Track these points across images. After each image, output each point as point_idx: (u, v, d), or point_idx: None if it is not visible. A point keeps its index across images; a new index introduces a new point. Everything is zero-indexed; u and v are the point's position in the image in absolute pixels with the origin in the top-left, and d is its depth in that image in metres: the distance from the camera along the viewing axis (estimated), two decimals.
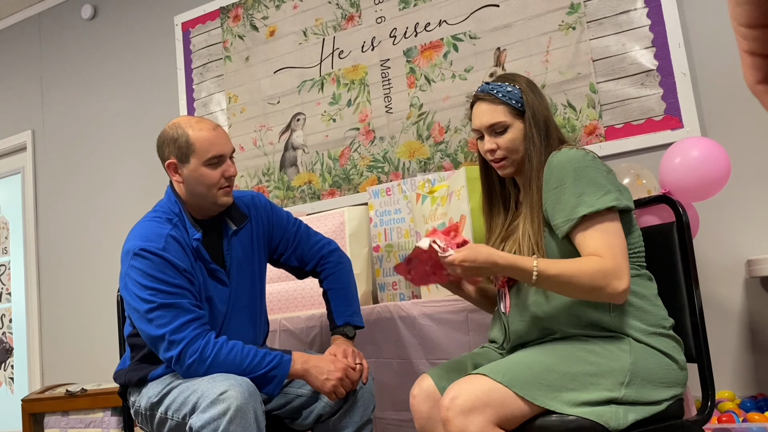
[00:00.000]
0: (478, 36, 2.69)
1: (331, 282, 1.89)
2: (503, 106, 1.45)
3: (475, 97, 1.51)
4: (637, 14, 2.40)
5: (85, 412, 2.90)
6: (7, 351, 4.14)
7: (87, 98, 3.87)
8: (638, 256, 1.39)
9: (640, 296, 1.35)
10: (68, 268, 3.83)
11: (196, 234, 1.65)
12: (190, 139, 1.64)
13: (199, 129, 1.64)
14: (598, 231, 1.29)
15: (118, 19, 3.79)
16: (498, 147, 1.46)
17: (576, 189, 1.31)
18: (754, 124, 2.22)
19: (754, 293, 2.20)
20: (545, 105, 1.47)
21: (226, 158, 1.67)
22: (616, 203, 1.30)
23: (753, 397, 2.10)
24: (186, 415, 1.51)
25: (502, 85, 1.47)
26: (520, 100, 1.44)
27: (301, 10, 3.12)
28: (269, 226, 1.87)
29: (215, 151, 1.64)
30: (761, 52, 0.36)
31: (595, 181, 1.30)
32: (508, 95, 1.45)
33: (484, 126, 1.47)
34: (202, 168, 1.64)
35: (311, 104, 3.06)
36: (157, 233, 1.61)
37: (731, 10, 0.36)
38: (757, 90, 0.38)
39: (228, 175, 1.66)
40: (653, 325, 1.33)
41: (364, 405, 1.70)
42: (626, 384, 1.25)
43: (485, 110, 1.47)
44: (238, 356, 1.54)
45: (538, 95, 1.47)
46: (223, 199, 1.68)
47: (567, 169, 1.32)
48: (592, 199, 1.29)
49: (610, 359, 1.27)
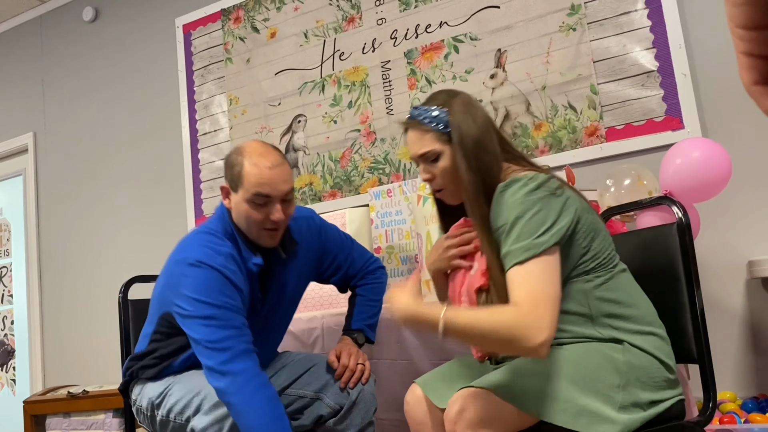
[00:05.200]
0: (478, 37, 2.69)
1: (365, 290, 1.88)
2: (431, 133, 1.36)
3: (404, 125, 1.42)
4: (637, 15, 2.40)
5: (86, 413, 2.91)
6: (8, 353, 4.14)
7: (88, 100, 3.87)
8: (605, 262, 1.32)
9: (614, 302, 1.31)
10: (70, 269, 3.84)
11: (255, 259, 1.56)
12: (243, 170, 1.53)
13: (255, 163, 1.52)
14: (526, 277, 1.20)
15: (120, 22, 3.80)
16: (433, 176, 1.39)
17: (515, 233, 1.23)
18: (754, 125, 2.22)
19: (756, 294, 2.20)
20: (480, 123, 1.34)
21: (275, 201, 1.53)
22: (551, 242, 1.21)
23: (754, 398, 2.10)
24: (189, 418, 1.51)
25: (429, 109, 1.37)
26: (446, 123, 1.34)
27: (302, 11, 3.13)
28: (320, 251, 1.81)
29: (261, 191, 1.51)
30: (758, 53, 0.36)
31: (534, 222, 1.22)
32: (434, 120, 1.35)
33: (416, 156, 1.40)
34: (245, 203, 1.53)
35: (312, 106, 3.07)
36: (216, 249, 1.53)
37: (728, 11, 0.36)
38: (753, 91, 0.38)
39: (273, 218, 1.53)
40: (639, 324, 1.31)
41: (366, 406, 1.69)
42: (622, 386, 1.24)
43: (414, 139, 1.39)
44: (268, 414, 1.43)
45: (470, 115, 1.35)
46: (266, 241, 1.58)
47: (511, 211, 1.24)
48: (527, 243, 1.21)
49: (603, 363, 1.26)
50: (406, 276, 2.31)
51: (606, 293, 1.30)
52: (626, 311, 1.31)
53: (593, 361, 1.27)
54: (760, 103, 0.38)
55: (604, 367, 1.25)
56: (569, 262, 1.29)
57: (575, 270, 1.30)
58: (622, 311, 1.31)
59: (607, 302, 1.30)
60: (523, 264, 1.21)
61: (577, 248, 1.29)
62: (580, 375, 1.25)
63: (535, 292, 1.18)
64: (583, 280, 1.30)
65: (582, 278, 1.30)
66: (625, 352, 1.27)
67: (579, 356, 1.28)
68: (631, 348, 1.28)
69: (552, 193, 1.25)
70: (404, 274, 2.31)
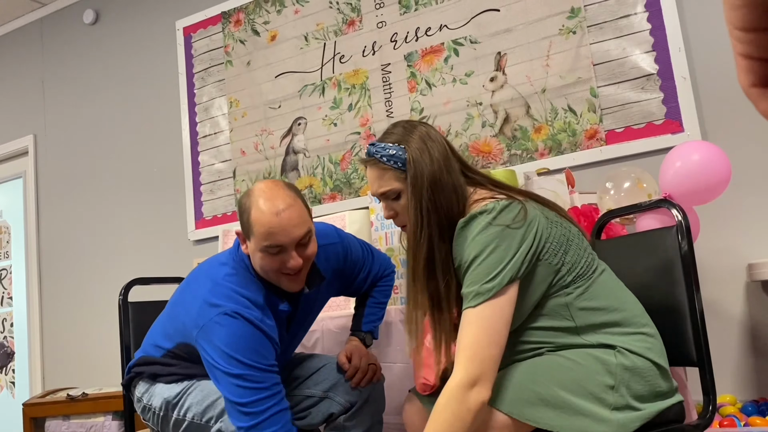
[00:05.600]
0: (478, 40, 2.69)
1: (377, 293, 1.90)
2: (390, 172, 1.34)
3: (363, 162, 1.40)
4: (637, 18, 2.40)
5: (86, 416, 2.90)
6: (8, 355, 4.14)
7: (89, 103, 3.88)
8: (582, 268, 1.31)
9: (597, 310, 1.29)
10: (69, 272, 3.84)
11: (282, 305, 1.52)
12: (251, 217, 1.45)
13: (261, 210, 1.43)
14: (472, 324, 1.21)
15: (120, 24, 3.81)
16: (396, 213, 1.38)
17: (471, 275, 1.24)
18: (754, 128, 2.23)
19: (755, 297, 2.20)
20: (436, 158, 1.32)
21: (289, 248, 1.44)
22: (505, 282, 1.22)
23: (754, 401, 2.10)
24: (212, 419, 1.50)
25: (386, 147, 1.35)
26: (403, 161, 1.33)
27: (303, 14, 3.13)
28: (346, 276, 1.80)
29: (272, 241, 1.42)
30: (756, 55, 0.36)
31: (489, 262, 1.23)
32: (392, 159, 1.33)
33: (376, 194, 1.39)
34: (259, 252, 1.46)
35: (312, 108, 3.07)
36: (252, 299, 1.47)
37: (726, 13, 0.36)
38: (751, 93, 0.38)
39: (289, 266, 1.44)
40: (626, 326, 1.31)
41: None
42: (616, 386, 1.24)
43: (374, 177, 1.38)
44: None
45: (427, 151, 1.32)
46: (288, 285, 1.50)
47: (469, 251, 1.25)
48: (477, 288, 1.22)
49: (595, 365, 1.26)
50: None
51: (589, 302, 1.29)
52: (611, 317, 1.30)
53: (585, 364, 1.26)
54: (757, 106, 0.38)
55: (596, 370, 1.25)
56: (542, 283, 1.28)
57: (553, 287, 1.29)
58: (608, 318, 1.29)
59: (590, 311, 1.29)
60: (475, 308, 1.22)
61: (548, 267, 1.28)
62: (572, 379, 1.25)
63: (474, 343, 1.20)
64: (563, 294, 1.29)
65: (562, 292, 1.29)
66: (618, 355, 1.27)
67: (571, 361, 1.27)
68: (623, 351, 1.28)
69: (510, 223, 1.24)
70: (404, 276, 2.31)
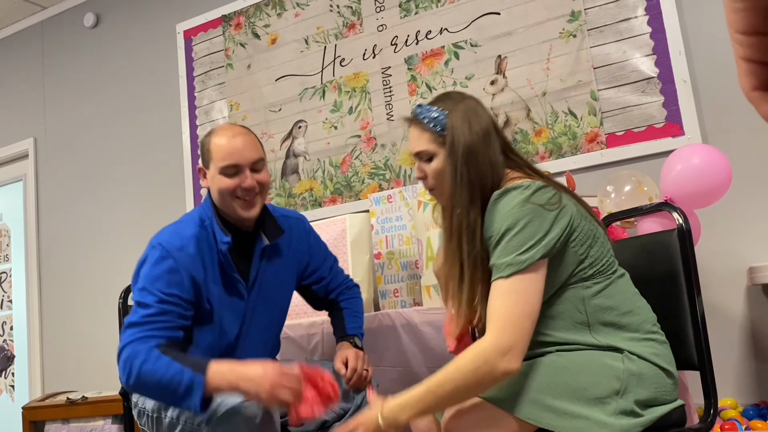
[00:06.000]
0: (479, 44, 2.69)
1: (350, 304, 1.90)
2: (428, 134, 1.37)
3: (407, 120, 1.44)
4: (637, 22, 2.40)
5: (85, 419, 2.90)
6: (8, 359, 4.14)
7: (89, 106, 3.88)
8: (604, 268, 1.32)
9: (611, 309, 1.30)
10: (69, 275, 3.83)
11: (225, 238, 1.58)
12: (210, 145, 1.61)
13: (220, 135, 1.60)
14: (505, 294, 1.22)
15: (121, 27, 3.81)
16: (426, 175, 1.41)
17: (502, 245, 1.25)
18: (755, 131, 2.22)
19: (756, 300, 2.20)
20: (476, 131, 1.34)
21: (243, 168, 1.58)
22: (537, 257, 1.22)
23: (756, 405, 2.09)
24: (202, 423, 1.50)
25: (430, 109, 1.38)
26: (443, 125, 1.35)
27: (303, 18, 3.14)
28: (307, 253, 1.82)
29: (229, 160, 1.57)
30: (757, 58, 0.36)
31: (522, 235, 1.23)
32: (433, 122, 1.36)
33: (413, 153, 1.42)
34: (218, 175, 1.58)
35: (313, 112, 3.07)
36: (182, 233, 1.58)
37: (728, 16, 0.36)
38: (752, 96, 0.38)
39: (244, 186, 1.57)
40: (636, 331, 1.31)
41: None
42: (621, 393, 1.24)
43: (413, 136, 1.41)
44: (158, 375, 1.40)
45: (468, 122, 1.34)
46: (242, 212, 1.60)
47: (502, 222, 1.26)
48: (511, 258, 1.23)
49: (602, 369, 1.26)
50: (407, 281, 2.30)
51: (604, 300, 1.30)
52: (624, 319, 1.30)
53: (592, 368, 1.26)
54: (759, 109, 0.38)
55: (602, 374, 1.25)
56: (565, 269, 1.29)
57: (573, 276, 1.30)
58: (620, 319, 1.30)
59: (604, 310, 1.30)
60: (507, 279, 1.23)
61: (573, 255, 1.29)
62: (578, 382, 1.25)
63: (509, 313, 1.20)
64: (582, 286, 1.30)
65: (580, 285, 1.30)
66: (624, 360, 1.27)
67: (577, 364, 1.27)
68: (631, 356, 1.28)
69: (545, 203, 1.25)
70: (404, 279, 2.31)
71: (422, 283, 2.15)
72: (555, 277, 1.28)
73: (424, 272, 2.14)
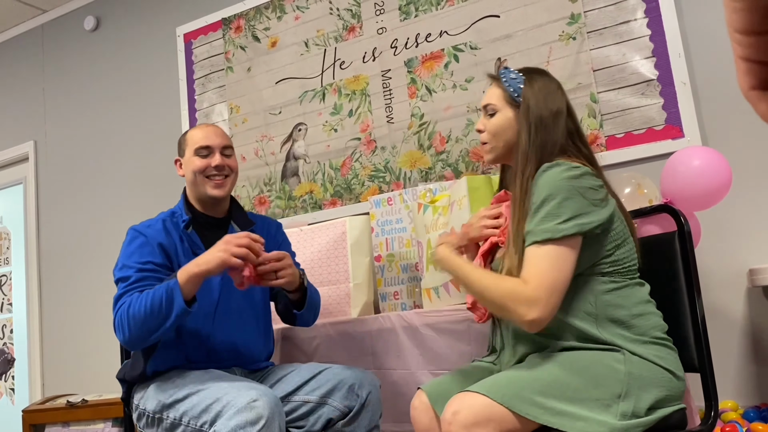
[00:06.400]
0: (478, 46, 2.70)
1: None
2: (501, 91, 1.47)
3: (490, 77, 1.55)
4: (637, 24, 2.41)
5: (85, 423, 2.89)
6: (8, 362, 4.13)
7: (89, 109, 3.88)
8: (625, 270, 1.36)
9: (622, 307, 1.32)
10: (69, 278, 3.83)
11: (185, 216, 1.83)
12: (186, 136, 1.91)
13: (195, 128, 1.92)
14: (540, 258, 1.27)
15: (121, 31, 3.81)
16: (484, 129, 1.50)
17: (542, 212, 1.29)
18: (754, 132, 2.22)
19: (757, 302, 2.20)
20: (549, 107, 1.42)
21: (215, 151, 1.85)
22: (569, 233, 1.27)
23: (756, 407, 2.09)
24: (206, 424, 1.51)
25: (511, 71, 1.48)
26: (519, 91, 1.44)
27: (303, 21, 3.14)
28: (276, 247, 1.91)
29: (202, 142, 1.85)
30: (755, 58, 0.36)
31: (562, 207, 1.28)
32: (509, 82, 1.46)
33: (482, 105, 1.52)
34: (192, 157, 1.85)
35: (313, 114, 3.07)
36: (152, 220, 1.85)
37: (727, 16, 0.36)
38: (750, 96, 0.38)
39: (214, 165, 1.84)
40: (642, 334, 1.32)
41: (373, 410, 1.73)
42: (623, 396, 1.24)
43: (488, 91, 1.51)
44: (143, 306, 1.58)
45: (543, 96, 1.42)
46: (212, 191, 1.84)
47: (544, 190, 1.30)
48: (549, 225, 1.27)
49: (604, 372, 1.26)
50: (407, 284, 2.30)
51: (615, 298, 1.33)
52: (631, 320, 1.32)
53: (595, 370, 1.27)
54: (757, 108, 0.38)
55: (605, 376, 1.25)
56: (589, 258, 1.33)
57: (593, 268, 1.33)
58: (627, 319, 1.32)
59: (613, 307, 1.32)
60: (541, 245, 1.28)
61: (600, 249, 1.33)
62: (580, 383, 1.25)
63: (543, 275, 1.26)
64: (598, 280, 1.33)
65: (597, 278, 1.33)
66: (626, 362, 1.27)
67: (580, 365, 1.28)
68: (631, 357, 1.28)
69: (589, 188, 1.31)
70: (404, 282, 2.31)
71: (422, 286, 2.15)
72: (578, 262, 1.31)
73: (424, 275, 2.14)
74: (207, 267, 1.57)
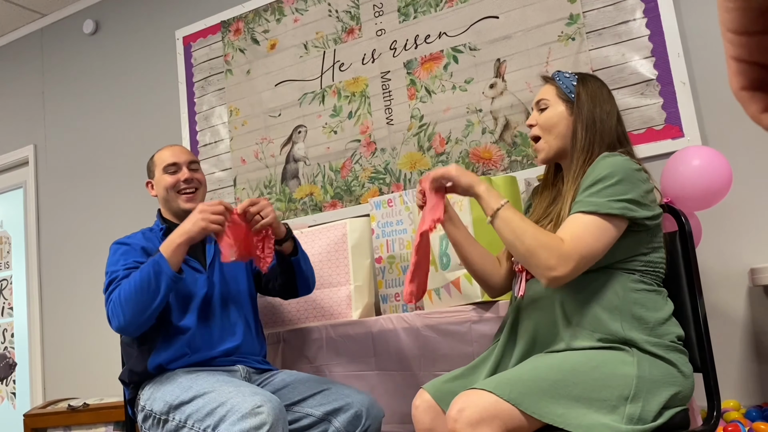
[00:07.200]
0: (477, 47, 2.70)
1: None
2: (554, 88, 1.52)
3: (543, 78, 1.59)
4: (636, 24, 2.40)
5: (87, 426, 2.89)
6: (10, 366, 4.13)
7: (89, 113, 3.88)
8: (655, 274, 1.40)
9: (647, 309, 1.33)
10: (70, 282, 3.83)
11: (161, 225, 1.96)
12: (153, 158, 2.02)
13: (161, 149, 2.03)
14: (581, 224, 1.31)
15: (120, 34, 3.82)
16: (536, 123, 1.53)
17: (595, 188, 1.34)
18: (755, 132, 2.22)
19: (758, 302, 2.19)
20: (602, 107, 1.47)
21: (182, 166, 1.96)
22: (616, 212, 1.30)
23: (758, 407, 2.09)
24: (209, 427, 1.51)
25: (565, 72, 1.54)
26: (572, 88, 1.49)
27: (302, 23, 3.14)
28: None
29: (170, 160, 1.97)
30: (747, 58, 0.36)
31: (616, 187, 1.32)
32: (563, 80, 1.51)
33: (534, 101, 1.55)
34: (162, 176, 1.96)
35: (312, 116, 3.07)
36: (132, 234, 1.98)
37: (720, 16, 0.36)
38: (741, 96, 0.38)
39: (183, 179, 1.94)
40: (659, 336, 1.32)
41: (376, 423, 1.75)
42: (631, 398, 1.23)
43: (541, 89, 1.56)
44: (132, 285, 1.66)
45: (594, 96, 1.48)
46: (184, 205, 1.93)
47: (603, 170, 1.35)
48: (598, 200, 1.32)
49: (613, 373, 1.26)
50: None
51: (642, 298, 1.35)
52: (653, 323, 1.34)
53: (603, 371, 1.26)
54: (747, 109, 0.38)
55: (613, 378, 1.25)
56: (627, 249, 1.35)
57: (626, 261, 1.36)
58: (650, 321, 1.33)
59: (639, 305, 1.34)
60: (586, 215, 1.31)
61: (639, 245, 1.36)
62: (588, 384, 1.25)
63: (580, 238, 1.29)
64: (629, 277, 1.36)
65: (628, 275, 1.36)
66: (637, 364, 1.27)
67: (589, 365, 1.28)
68: (643, 357, 1.28)
69: (647, 186, 1.36)
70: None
71: None
72: (613, 250, 1.34)
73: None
74: (189, 235, 1.66)
